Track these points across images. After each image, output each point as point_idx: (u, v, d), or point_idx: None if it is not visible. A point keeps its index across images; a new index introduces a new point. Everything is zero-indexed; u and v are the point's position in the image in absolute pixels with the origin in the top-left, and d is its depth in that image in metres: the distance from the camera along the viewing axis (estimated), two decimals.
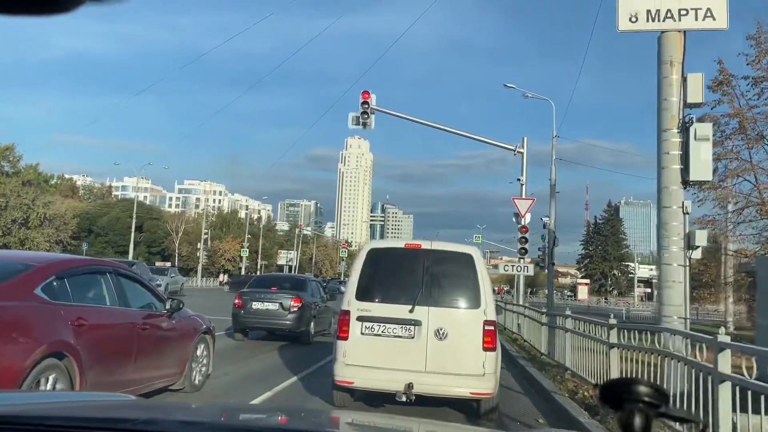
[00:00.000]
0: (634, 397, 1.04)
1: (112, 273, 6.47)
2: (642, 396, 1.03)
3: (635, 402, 1.04)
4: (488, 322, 6.66)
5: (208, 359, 8.09)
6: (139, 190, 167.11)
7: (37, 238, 60.88)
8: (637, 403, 1.04)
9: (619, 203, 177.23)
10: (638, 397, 1.03)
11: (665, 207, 8.64)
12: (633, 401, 1.04)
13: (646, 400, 1.03)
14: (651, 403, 1.04)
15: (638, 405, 1.04)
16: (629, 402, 1.04)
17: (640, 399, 1.04)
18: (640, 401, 1.04)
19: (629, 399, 1.04)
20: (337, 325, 6.96)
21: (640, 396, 1.03)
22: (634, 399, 1.04)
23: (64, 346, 5.18)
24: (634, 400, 1.04)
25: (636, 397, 1.04)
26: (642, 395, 1.03)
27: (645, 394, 1.03)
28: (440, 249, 7.02)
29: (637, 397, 1.03)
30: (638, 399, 1.04)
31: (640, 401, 1.04)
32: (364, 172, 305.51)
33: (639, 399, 1.04)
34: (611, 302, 78.00)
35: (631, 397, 1.04)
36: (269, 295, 14.97)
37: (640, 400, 1.04)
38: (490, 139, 24.06)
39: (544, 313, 12.91)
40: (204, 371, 8.01)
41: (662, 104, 8.78)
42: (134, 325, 6.40)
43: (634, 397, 1.04)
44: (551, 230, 26.58)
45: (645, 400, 1.03)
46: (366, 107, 22.06)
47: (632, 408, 1.04)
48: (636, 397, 1.04)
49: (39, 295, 5.25)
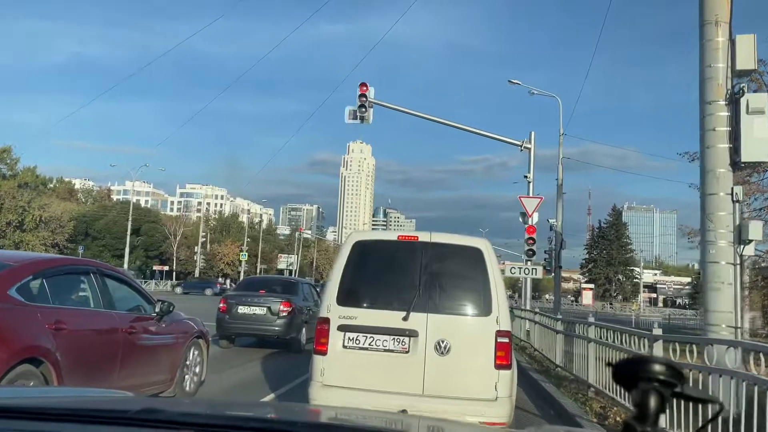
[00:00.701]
0: (649, 375, 0.98)
1: (96, 273, 6.08)
2: (657, 375, 0.98)
3: (650, 381, 0.98)
4: (502, 332, 5.31)
5: (201, 365, 7.69)
6: (140, 194, 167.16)
7: (32, 241, 60.07)
8: (653, 382, 0.98)
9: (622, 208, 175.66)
10: (653, 375, 0.98)
11: (711, 194, 7.25)
12: (648, 380, 0.98)
13: (661, 378, 0.98)
14: (666, 381, 0.98)
15: (653, 384, 0.98)
16: (644, 381, 0.99)
17: (655, 378, 0.98)
18: (655, 380, 0.98)
19: (644, 378, 0.99)
20: (314, 336, 5.61)
21: (655, 375, 0.98)
22: (649, 378, 0.98)
23: (40, 351, 4.84)
24: (648, 379, 0.98)
25: (651, 376, 0.98)
26: (657, 374, 0.98)
27: (660, 372, 0.98)
28: (442, 242, 5.67)
29: (653, 375, 0.98)
30: (653, 378, 0.98)
31: (656, 380, 0.98)
32: (366, 177, 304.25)
33: (654, 378, 0.98)
34: (616, 308, 76.46)
35: (646, 375, 0.98)
36: (257, 299, 13.72)
37: (656, 379, 0.98)
38: (494, 134, 22.72)
39: (558, 320, 11.52)
40: (197, 378, 7.61)
41: (705, 72, 7.41)
42: (120, 329, 5.99)
43: (649, 376, 0.98)
44: (558, 232, 25.33)
45: (660, 378, 0.98)
46: (364, 100, 20.81)
47: (647, 387, 0.98)
48: (651, 376, 0.98)
49: (13, 297, 4.91)
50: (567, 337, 10.51)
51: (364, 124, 21.38)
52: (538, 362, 12.65)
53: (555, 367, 11.21)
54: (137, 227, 74.71)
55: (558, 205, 25.48)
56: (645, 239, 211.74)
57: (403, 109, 22.95)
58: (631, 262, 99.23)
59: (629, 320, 39.02)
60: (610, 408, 7.50)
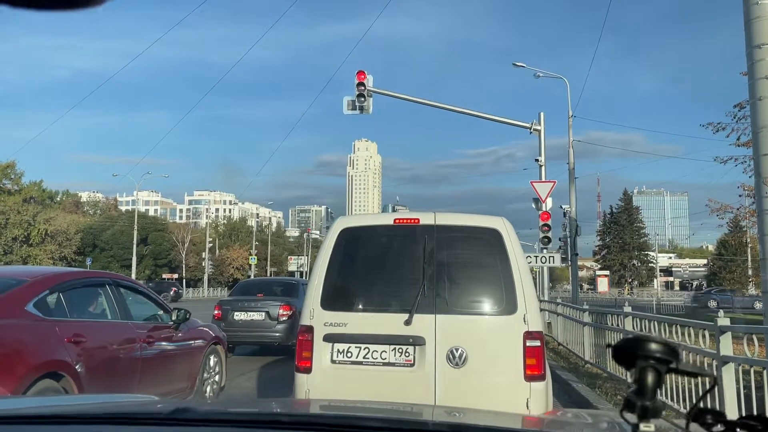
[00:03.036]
0: (646, 353, 1.05)
1: (112, 284, 6.13)
2: (653, 353, 1.04)
3: (647, 359, 1.05)
4: (531, 334, 4.20)
5: (220, 371, 7.76)
6: (149, 204, 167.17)
7: (39, 255, 59.64)
8: (649, 359, 1.05)
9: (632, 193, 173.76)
10: (650, 353, 1.04)
11: (765, 154, 6.11)
12: (645, 358, 1.05)
13: (657, 356, 1.04)
14: (662, 359, 1.04)
15: (650, 362, 1.05)
16: (641, 359, 1.05)
17: (651, 356, 1.04)
18: (651, 358, 1.04)
19: (641, 356, 1.05)
20: (296, 350, 4.53)
21: (651, 353, 1.04)
22: (645, 356, 1.05)
23: (59, 365, 4.87)
24: (645, 357, 1.05)
25: (648, 354, 1.04)
26: (653, 352, 1.04)
27: (656, 350, 1.04)
28: (450, 224, 4.56)
29: (649, 353, 1.04)
30: (650, 356, 1.04)
31: (652, 358, 1.04)
32: (373, 175, 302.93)
33: (651, 356, 1.04)
34: (634, 293, 74.92)
35: (643, 354, 1.05)
36: (254, 303, 12.70)
37: (652, 357, 1.04)
38: (501, 117, 21.57)
39: (585, 311, 10.38)
40: (216, 385, 7.66)
41: (752, 11, 6.23)
42: (138, 339, 6.01)
43: (645, 354, 1.05)
44: (572, 218, 24.15)
45: (656, 356, 1.04)
46: (362, 89, 19.76)
47: (644, 365, 1.05)
48: (648, 354, 1.04)
49: (31, 312, 4.95)
50: (597, 329, 9.37)
51: (364, 115, 20.40)
52: (564, 358, 11.52)
53: (584, 363, 10.08)
54: (145, 236, 74.09)
55: (571, 189, 24.26)
56: (657, 223, 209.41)
57: (404, 97, 21.89)
58: (645, 247, 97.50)
59: (650, 306, 37.69)
60: None
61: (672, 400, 5.97)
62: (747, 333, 4.38)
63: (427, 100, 22.37)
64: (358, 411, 1.92)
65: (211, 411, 1.56)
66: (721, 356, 4.68)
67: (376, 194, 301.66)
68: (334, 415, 1.69)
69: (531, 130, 20.82)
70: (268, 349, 12.74)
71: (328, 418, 1.57)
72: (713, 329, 4.83)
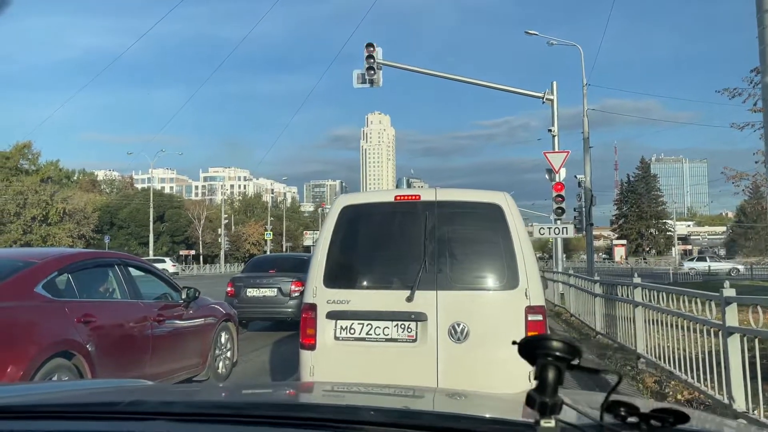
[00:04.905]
0: (547, 351, 1.06)
1: (121, 264, 6.21)
2: (554, 350, 1.06)
3: (547, 357, 1.06)
4: (533, 308, 4.20)
5: (232, 348, 7.85)
6: (164, 181, 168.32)
7: (58, 234, 60.36)
8: (549, 357, 1.06)
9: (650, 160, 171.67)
10: (550, 351, 1.06)
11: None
12: (545, 356, 1.06)
13: (557, 354, 1.06)
14: (561, 357, 1.06)
15: (549, 359, 1.06)
16: (541, 357, 1.07)
17: (551, 353, 1.06)
18: (551, 355, 1.06)
19: (541, 354, 1.07)
20: (300, 327, 4.57)
21: (552, 350, 1.06)
22: (546, 354, 1.06)
23: (70, 344, 4.96)
24: (546, 355, 1.06)
25: (548, 352, 1.06)
26: (554, 350, 1.06)
27: (557, 348, 1.06)
28: (450, 200, 4.54)
29: (550, 351, 1.06)
30: (550, 353, 1.06)
31: (552, 355, 1.06)
32: (386, 148, 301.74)
33: (551, 353, 1.06)
34: (651, 262, 74.44)
35: (544, 351, 1.07)
36: (266, 280, 12.76)
37: (552, 354, 1.06)
38: (513, 87, 21.30)
39: (596, 282, 10.35)
40: (229, 361, 7.80)
41: None
42: (148, 317, 6.10)
43: (546, 352, 1.06)
44: (587, 188, 23.92)
45: (557, 354, 1.06)
46: (371, 62, 19.55)
47: (544, 362, 1.07)
48: (548, 352, 1.06)
49: (40, 293, 5.02)
50: (608, 300, 9.35)
51: (375, 88, 20.21)
52: (576, 329, 11.53)
53: (595, 334, 10.09)
54: (161, 213, 74.80)
55: (585, 159, 23.99)
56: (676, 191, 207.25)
57: (414, 69, 21.64)
58: (663, 215, 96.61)
59: (666, 274, 37.43)
60: (666, 382, 6.39)
61: (680, 371, 5.95)
62: (752, 304, 4.34)
63: (438, 72, 22.16)
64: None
65: (163, 402, 1.51)
66: (726, 327, 4.65)
67: (390, 167, 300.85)
68: (283, 403, 1.65)
69: (543, 100, 20.55)
70: (280, 325, 12.86)
71: (280, 407, 1.52)
72: (719, 300, 4.79)
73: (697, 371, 5.45)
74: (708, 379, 5.24)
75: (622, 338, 8.31)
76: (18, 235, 57.06)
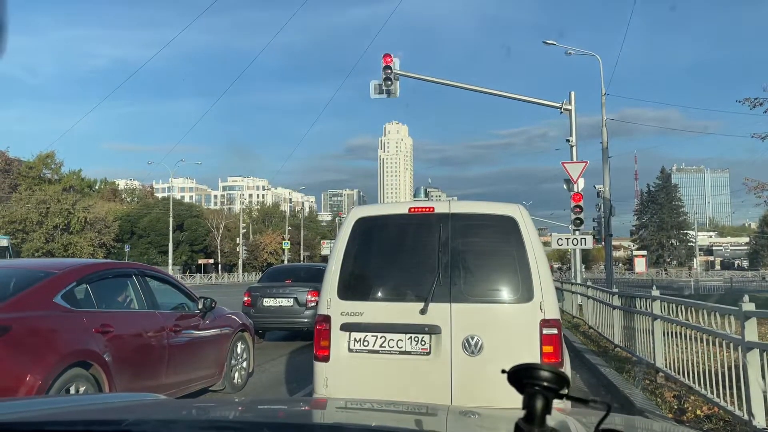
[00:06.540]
0: (535, 381, 1.06)
1: (138, 275, 6.27)
2: (542, 380, 1.06)
3: (535, 386, 1.06)
4: (548, 322, 4.17)
5: (248, 357, 7.89)
6: (184, 191, 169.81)
7: (80, 243, 61.10)
8: (537, 386, 1.06)
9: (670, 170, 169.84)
10: (539, 381, 1.06)
11: None
12: (533, 385, 1.06)
13: (545, 384, 1.06)
14: (549, 387, 1.06)
15: (537, 389, 1.06)
16: (530, 386, 1.07)
17: (540, 383, 1.06)
18: (539, 385, 1.06)
19: (530, 383, 1.07)
20: (314, 339, 4.57)
21: (540, 380, 1.06)
22: (534, 384, 1.06)
23: (88, 354, 5.01)
24: (534, 384, 1.06)
25: (536, 381, 1.06)
26: (542, 379, 1.06)
27: (545, 378, 1.06)
28: (464, 212, 4.53)
29: (538, 381, 1.06)
30: (538, 383, 1.06)
31: (540, 385, 1.06)
32: (404, 157, 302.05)
33: (539, 383, 1.06)
34: (671, 273, 73.44)
35: (532, 380, 1.07)
36: (282, 290, 12.81)
37: (541, 384, 1.06)
38: (530, 97, 21.23)
39: (615, 294, 10.23)
40: (245, 371, 7.84)
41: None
42: (165, 328, 6.15)
43: (534, 381, 1.06)
44: (606, 198, 23.69)
45: (545, 384, 1.06)
46: (389, 72, 19.61)
47: (532, 392, 1.06)
48: (536, 381, 1.06)
49: (59, 304, 5.08)
50: (626, 313, 9.24)
51: (392, 98, 20.27)
52: (594, 342, 11.39)
53: (614, 347, 9.96)
54: (180, 223, 75.44)
55: (604, 169, 23.79)
56: (697, 201, 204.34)
57: (431, 79, 21.65)
58: (684, 225, 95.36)
59: (687, 286, 36.91)
60: (685, 397, 6.28)
61: (700, 386, 5.86)
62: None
63: (456, 82, 22.14)
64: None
65: (162, 420, 1.51)
66: (746, 342, 4.57)
67: (407, 177, 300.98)
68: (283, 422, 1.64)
69: (561, 110, 20.44)
70: (297, 335, 12.91)
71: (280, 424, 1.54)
72: (738, 314, 4.71)
73: (716, 386, 5.36)
74: (727, 395, 5.15)
75: (640, 351, 8.19)
76: (40, 244, 57.91)
